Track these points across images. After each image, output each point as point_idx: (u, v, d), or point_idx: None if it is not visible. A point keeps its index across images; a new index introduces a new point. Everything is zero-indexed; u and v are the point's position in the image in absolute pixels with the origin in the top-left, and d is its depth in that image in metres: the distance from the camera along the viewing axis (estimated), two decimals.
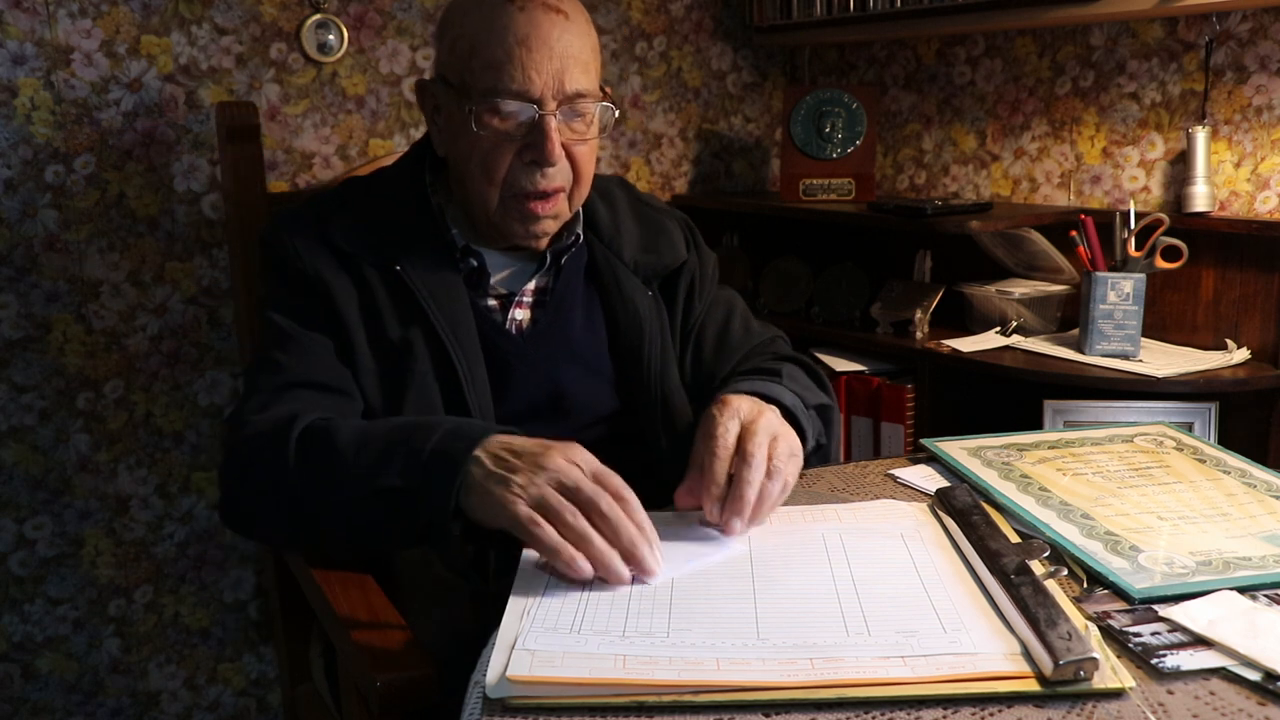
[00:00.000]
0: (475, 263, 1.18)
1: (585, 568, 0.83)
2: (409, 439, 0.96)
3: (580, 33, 1.11)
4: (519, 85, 1.08)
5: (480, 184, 1.14)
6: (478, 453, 0.92)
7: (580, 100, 1.11)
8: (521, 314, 1.21)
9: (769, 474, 0.92)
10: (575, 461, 0.89)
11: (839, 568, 0.85)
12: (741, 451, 0.93)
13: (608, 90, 1.17)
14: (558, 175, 1.13)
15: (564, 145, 1.12)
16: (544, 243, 1.20)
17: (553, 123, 1.10)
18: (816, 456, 1.14)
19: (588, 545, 0.83)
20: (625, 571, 0.83)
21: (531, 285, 1.21)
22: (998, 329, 1.84)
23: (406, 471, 0.94)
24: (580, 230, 1.23)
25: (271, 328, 1.13)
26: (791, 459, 0.96)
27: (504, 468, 0.90)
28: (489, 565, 1.10)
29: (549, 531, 0.84)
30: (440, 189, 1.22)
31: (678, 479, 0.97)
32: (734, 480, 0.91)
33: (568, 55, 1.09)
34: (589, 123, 1.14)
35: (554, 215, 1.17)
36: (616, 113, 1.18)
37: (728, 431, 0.95)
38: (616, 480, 0.89)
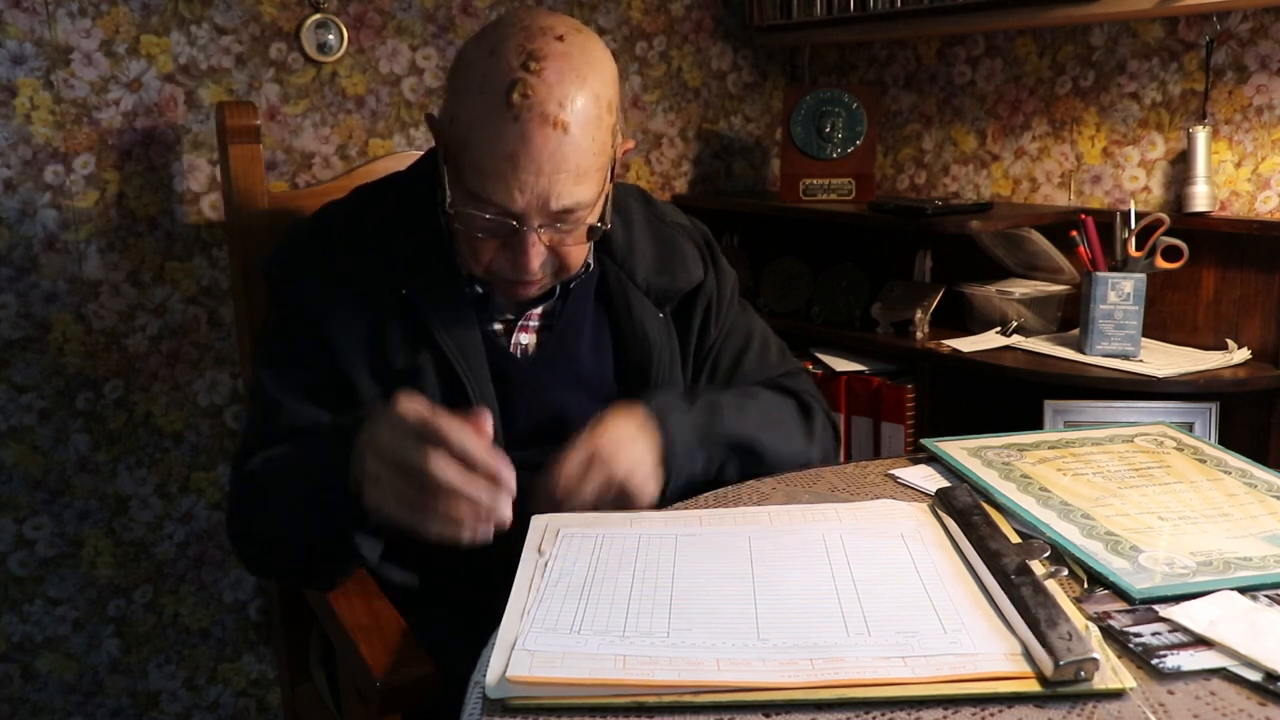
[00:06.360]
0: (481, 289, 1.15)
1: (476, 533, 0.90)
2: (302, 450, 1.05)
3: (579, 145, 1.02)
4: (500, 200, 1.02)
5: (465, 254, 1.10)
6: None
7: (568, 215, 1.05)
8: (527, 338, 1.19)
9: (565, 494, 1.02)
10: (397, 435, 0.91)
11: (839, 568, 0.84)
12: (569, 476, 1.02)
13: (621, 147, 1.11)
14: (541, 270, 1.09)
15: (550, 244, 1.07)
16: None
17: (532, 237, 1.05)
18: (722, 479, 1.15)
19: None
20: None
21: (538, 310, 1.19)
22: (998, 329, 1.84)
23: (312, 467, 1.02)
24: (591, 259, 1.19)
25: (259, 386, 1.15)
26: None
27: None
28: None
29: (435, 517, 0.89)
30: None
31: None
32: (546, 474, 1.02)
33: (559, 172, 1.01)
34: (577, 228, 1.08)
35: (540, 290, 1.13)
36: (607, 223, 1.12)
37: (582, 460, 1.03)
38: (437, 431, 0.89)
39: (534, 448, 1.17)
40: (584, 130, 1.02)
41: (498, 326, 1.18)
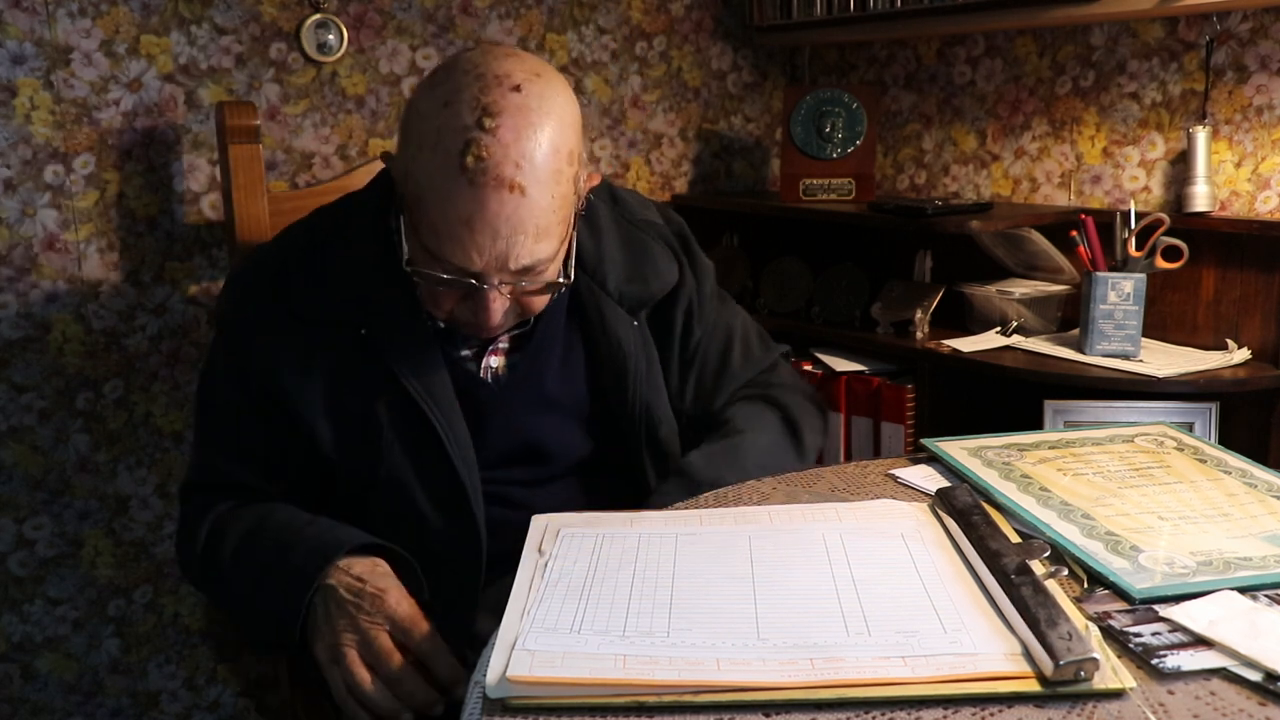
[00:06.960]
0: (442, 323, 1.11)
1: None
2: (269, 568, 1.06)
3: (537, 205, 0.98)
4: (459, 261, 0.99)
5: (427, 301, 1.07)
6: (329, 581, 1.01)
7: (528, 271, 1.02)
8: (496, 360, 1.16)
9: None
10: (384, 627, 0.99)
11: (839, 568, 0.84)
12: None
13: (585, 184, 1.08)
14: (505, 319, 1.07)
15: (513, 295, 1.04)
16: None
17: (493, 294, 1.02)
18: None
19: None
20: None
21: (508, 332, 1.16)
22: (998, 329, 1.84)
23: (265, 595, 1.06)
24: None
25: (196, 435, 1.20)
26: None
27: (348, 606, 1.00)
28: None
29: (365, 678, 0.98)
30: None
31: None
32: None
33: (517, 234, 0.98)
34: (539, 279, 1.05)
35: (504, 330, 1.12)
36: (570, 278, 1.09)
37: None
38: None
39: (508, 469, 1.17)
40: (542, 189, 0.98)
41: (466, 352, 1.15)
